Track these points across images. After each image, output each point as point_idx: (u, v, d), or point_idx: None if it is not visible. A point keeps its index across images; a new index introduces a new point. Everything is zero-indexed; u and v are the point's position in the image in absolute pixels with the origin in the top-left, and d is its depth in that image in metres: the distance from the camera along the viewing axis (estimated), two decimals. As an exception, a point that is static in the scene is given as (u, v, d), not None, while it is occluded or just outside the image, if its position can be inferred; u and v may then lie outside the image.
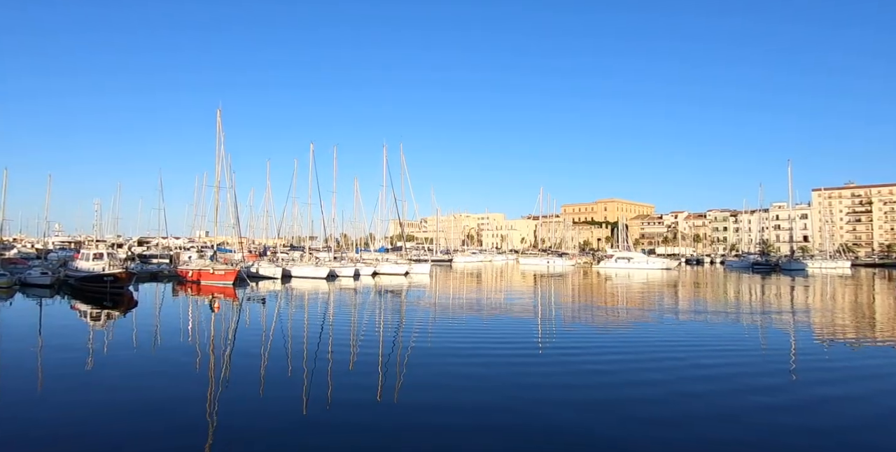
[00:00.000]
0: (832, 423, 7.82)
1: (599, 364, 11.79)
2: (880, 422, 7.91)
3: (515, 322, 18.86)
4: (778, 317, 21.46)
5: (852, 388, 9.88)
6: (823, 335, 17.02)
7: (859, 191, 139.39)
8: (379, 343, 14.39)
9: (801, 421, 7.85)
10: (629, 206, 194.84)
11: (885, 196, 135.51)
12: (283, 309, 22.84)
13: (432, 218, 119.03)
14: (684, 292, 35.62)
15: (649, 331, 17.46)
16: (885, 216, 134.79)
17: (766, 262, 78.43)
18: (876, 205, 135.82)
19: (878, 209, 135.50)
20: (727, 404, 8.69)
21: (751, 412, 8.23)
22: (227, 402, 8.55)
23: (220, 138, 39.47)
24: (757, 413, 8.18)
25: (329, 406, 8.38)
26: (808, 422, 7.82)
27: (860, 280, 52.45)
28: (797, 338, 16.13)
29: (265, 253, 59.44)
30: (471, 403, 8.60)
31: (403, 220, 61.08)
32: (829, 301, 29.69)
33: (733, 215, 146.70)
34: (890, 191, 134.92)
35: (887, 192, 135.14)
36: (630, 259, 75.35)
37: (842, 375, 10.93)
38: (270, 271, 41.66)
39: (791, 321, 20.23)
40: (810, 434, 7.32)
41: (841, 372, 11.33)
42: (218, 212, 41.94)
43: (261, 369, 10.98)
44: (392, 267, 51.21)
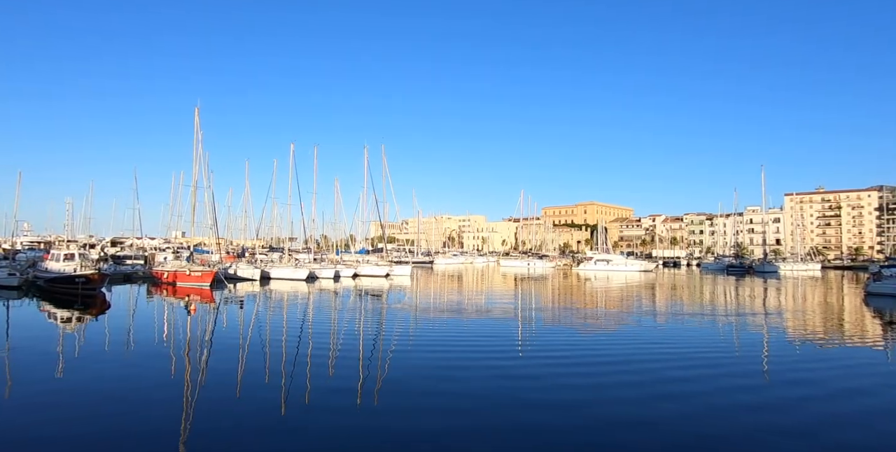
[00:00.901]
0: (804, 421, 8.01)
1: (579, 366, 11.89)
2: (850, 420, 8.13)
3: (496, 324, 18.90)
4: (752, 319, 21.95)
5: (823, 388, 10.13)
6: (794, 336, 17.46)
7: (829, 196, 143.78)
8: (359, 345, 14.28)
9: (774, 420, 8.02)
10: (608, 209, 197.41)
11: (852, 201, 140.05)
12: (261, 312, 22.52)
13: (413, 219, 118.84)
14: (662, 294, 36.20)
15: (628, 333, 17.69)
16: (853, 220, 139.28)
17: (740, 265, 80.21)
18: (844, 209, 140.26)
19: (847, 213, 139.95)
20: (703, 405, 8.83)
21: (725, 412, 8.39)
22: (202, 406, 8.37)
23: (197, 137, 38.79)
24: (732, 413, 8.34)
25: (308, 410, 8.28)
26: (781, 421, 7.99)
27: (829, 282, 54.02)
28: (770, 339, 16.51)
29: (243, 255, 58.55)
30: (452, 407, 8.58)
31: (384, 222, 60.86)
32: (799, 302, 30.48)
33: (709, 218, 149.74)
34: (857, 197, 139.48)
35: (855, 198, 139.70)
36: (609, 261, 76.27)
37: (813, 376, 11.23)
38: (249, 272, 41.05)
39: (764, 322, 20.71)
40: (784, 433, 7.48)
41: (812, 372, 11.63)
42: (195, 212, 41.19)
43: (238, 372, 10.79)
44: (373, 269, 50.92)
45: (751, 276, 64.25)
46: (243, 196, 62.14)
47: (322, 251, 64.75)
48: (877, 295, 34.28)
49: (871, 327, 20.79)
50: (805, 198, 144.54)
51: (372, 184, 56.62)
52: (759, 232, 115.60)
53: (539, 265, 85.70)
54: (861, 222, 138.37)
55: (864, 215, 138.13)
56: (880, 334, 18.77)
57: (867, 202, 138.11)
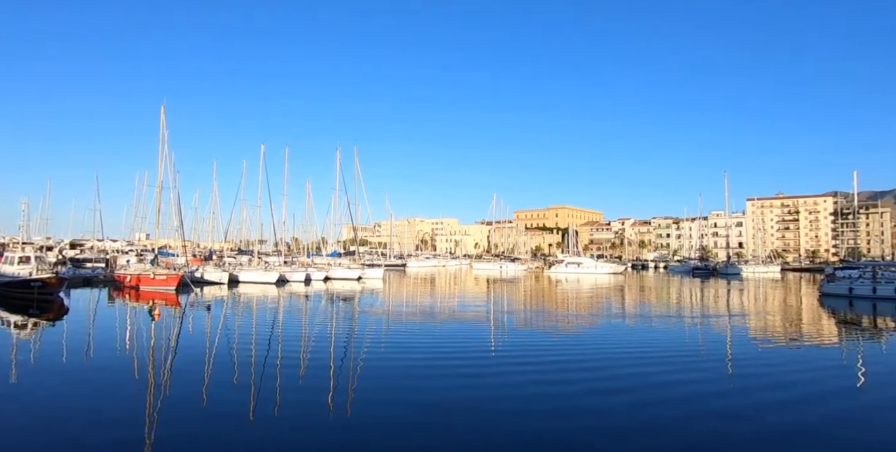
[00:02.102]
0: (770, 421, 8.23)
1: (551, 372, 11.97)
2: (811, 419, 8.40)
3: (469, 328, 18.90)
4: (717, 321, 22.55)
5: (786, 387, 10.45)
6: (756, 336, 18.01)
7: (788, 201, 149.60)
8: (330, 352, 14.05)
9: (741, 421, 8.23)
10: (579, 213, 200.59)
11: (809, 206, 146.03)
12: (229, 316, 21.94)
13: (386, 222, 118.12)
14: (631, 296, 36.91)
15: (599, 336, 17.93)
16: (810, 225, 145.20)
17: (705, 267, 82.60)
18: (802, 214, 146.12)
19: (805, 218, 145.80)
20: (669, 407, 8.99)
21: (692, 413, 8.56)
22: (166, 418, 8.05)
23: (163, 135, 37.62)
24: (699, 414, 8.52)
25: (278, 420, 8.05)
26: (747, 421, 8.20)
27: (788, 283, 56.15)
28: (733, 341, 16.97)
29: (211, 257, 57.10)
30: (424, 415, 8.51)
31: (357, 225, 60.27)
32: (761, 303, 31.54)
33: (676, 222, 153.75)
34: (814, 202, 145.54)
35: (812, 203, 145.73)
36: (580, 264, 77.43)
37: (775, 376, 11.54)
38: (216, 276, 40.02)
39: (728, 324, 21.32)
40: (748, 432, 7.68)
41: (775, 376, 11.96)
42: (160, 213, 39.90)
43: (204, 382, 10.45)
44: (344, 272, 50.34)
45: (715, 278, 66.19)
46: (211, 197, 60.60)
47: (293, 254, 63.66)
48: (830, 296, 35.82)
49: (827, 327, 21.65)
50: (766, 203, 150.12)
51: (344, 186, 55.83)
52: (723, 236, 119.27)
53: (511, 268, 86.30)
54: (817, 226, 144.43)
55: (821, 220, 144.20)
56: (835, 333, 19.56)
57: (823, 207, 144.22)
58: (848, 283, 36.68)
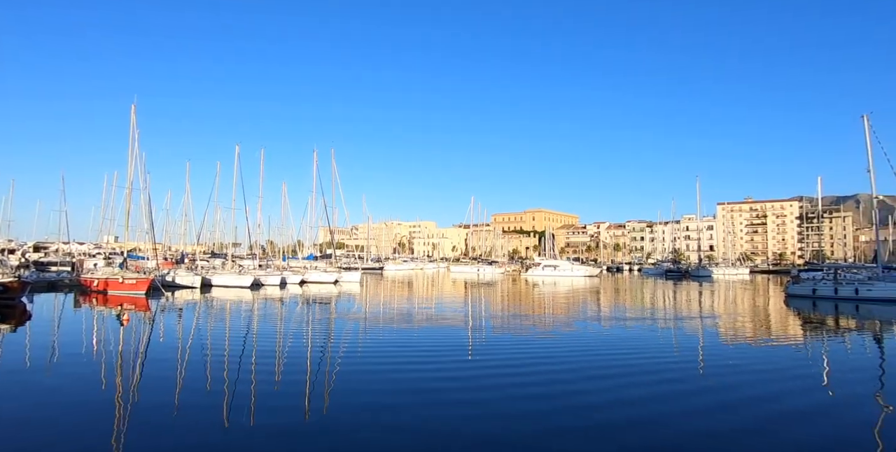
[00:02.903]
0: (742, 416, 8.44)
1: (528, 374, 12.03)
2: (784, 417, 8.63)
3: (446, 332, 18.89)
4: (689, 323, 23.04)
5: (755, 385, 10.72)
6: (727, 336, 18.44)
7: (756, 205, 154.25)
8: (307, 357, 13.86)
9: (715, 416, 8.41)
10: (556, 216, 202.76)
11: (777, 210, 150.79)
12: (201, 321, 21.45)
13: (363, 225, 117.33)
14: (606, 298, 37.44)
15: (575, 339, 18.10)
16: (778, 228, 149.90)
17: (677, 269, 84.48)
18: (770, 218, 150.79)
19: (772, 222, 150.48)
20: (643, 408, 9.12)
21: (666, 414, 8.70)
22: (135, 428, 7.80)
23: (133, 135, 36.67)
24: (673, 415, 8.66)
25: (252, 428, 7.89)
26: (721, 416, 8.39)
27: (756, 285, 57.81)
28: (705, 341, 17.35)
29: (182, 261, 55.78)
30: (402, 419, 8.45)
31: (334, 227, 59.70)
32: (731, 305, 32.36)
33: (649, 226, 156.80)
34: (781, 207, 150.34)
35: (779, 207, 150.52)
36: (556, 267, 78.29)
37: (746, 377, 11.82)
38: (188, 280, 39.11)
39: (700, 326, 21.80)
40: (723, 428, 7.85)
41: (745, 374, 12.25)
42: (129, 215, 38.76)
43: (176, 389, 10.18)
44: (321, 276, 49.82)
45: (687, 280, 67.70)
46: (183, 199, 59.30)
47: (268, 257, 62.63)
48: (795, 297, 37.07)
49: (792, 327, 22.35)
50: (735, 207, 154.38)
51: (321, 188, 55.27)
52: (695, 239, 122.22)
53: (489, 271, 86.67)
54: (784, 230, 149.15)
55: (787, 223, 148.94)
56: (800, 333, 20.19)
57: (790, 211, 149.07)
58: (811, 285, 38.02)
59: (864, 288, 34.73)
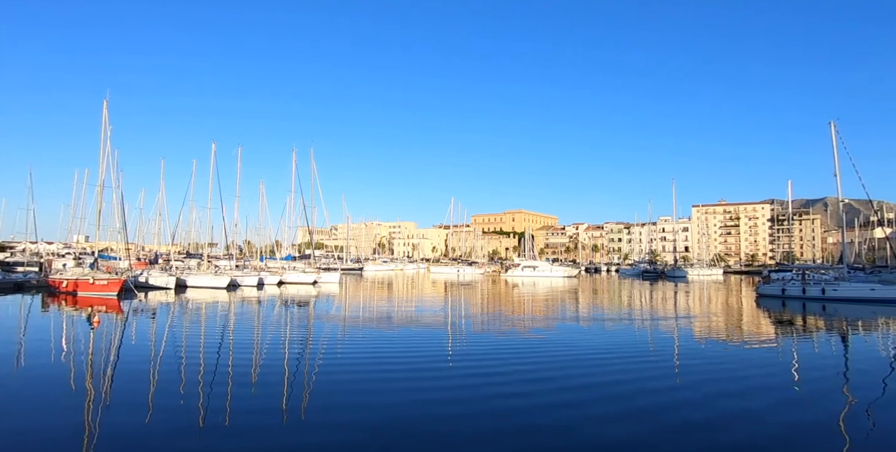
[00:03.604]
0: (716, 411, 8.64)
1: (506, 374, 12.10)
2: (752, 416, 8.86)
3: (426, 333, 18.87)
4: (664, 323, 23.48)
5: (727, 382, 10.99)
6: (701, 335, 18.84)
7: (730, 207, 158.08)
8: (284, 358, 13.69)
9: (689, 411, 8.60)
10: (535, 217, 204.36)
11: (749, 212, 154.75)
12: (175, 323, 21.02)
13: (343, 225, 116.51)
14: (585, 299, 37.89)
15: (553, 338, 18.27)
16: (750, 230, 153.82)
17: (653, 270, 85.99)
18: (742, 220, 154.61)
19: (745, 224, 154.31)
20: (617, 407, 9.27)
21: (640, 413, 8.86)
22: (107, 434, 7.60)
23: (105, 131, 35.73)
24: (646, 414, 8.82)
25: (228, 430, 7.76)
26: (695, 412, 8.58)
27: (730, 285, 59.22)
28: (680, 340, 17.69)
29: (156, 261, 54.66)
30: (380, 421, 8.42)
31: (312, 228, 59.09)
32: (705, 304, 33.10)
33: (627, 227, 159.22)
34: (753, 209, 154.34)
35: (751, 210, 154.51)
36: (535, 267, 78.88)
37: (718, 375, 12.10)
38: (162, 280, 38.29)
39: (675, 325, 22.24)
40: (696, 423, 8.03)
41: (717, 372, 12.55)
42: (101, 214, 37.81)
43: (148, 392, 9.95)
44: (299, 276, 49.30)
45: (663, 281, 68.96)
46: (158, 198, 57.85)
47: (245, 257, 61.67)
48: (765, 297, 38.13)
49: (762, 326, 22.97)
50: (710, 209, 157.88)
51: (300, 188, 54.70)
52: (671, 240, 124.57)
53: (468, 271, 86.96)
54: (756, 231, 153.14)
55: (759, 225, 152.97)
56: (770, 332, 20.75)
57: (761, 214, 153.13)
58: (781, 285, 39.17)
59: (830, 288, 35.89)
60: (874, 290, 34.66)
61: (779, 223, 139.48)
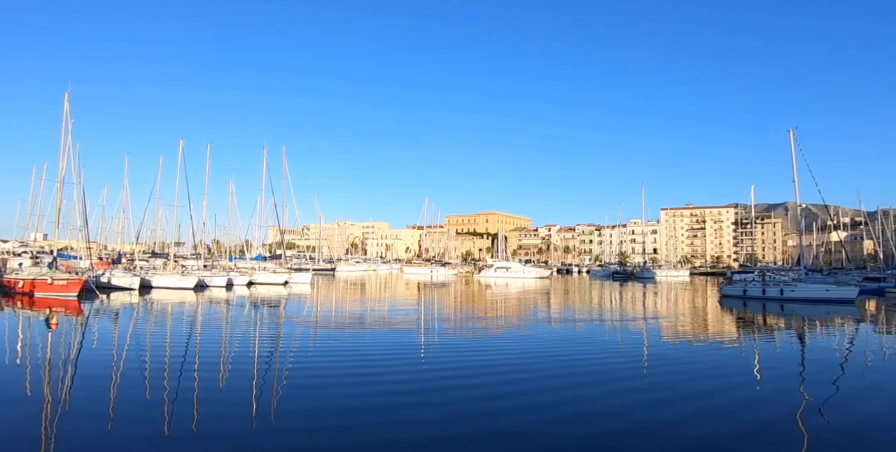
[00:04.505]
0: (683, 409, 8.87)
1: (479, 376, 12.16)
2: (717, 413, 9.14)
3: (399, 335, 18.78)
4: (633, 323, 23.98)
5: (693, 381, 11.30)
6: (668, 335, 19.32)
7: (696, 211, 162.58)
8: (253, 362, 13.42)
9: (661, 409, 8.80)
10: (508, 219, 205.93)
11: (715, 216, 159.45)
12: (139, 326, 20.37)
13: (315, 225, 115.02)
14: (556, 300, 38.38)
15: (524, 339, 18.43)
16: (715, 232, 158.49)
17: (623, 271, 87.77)
18: (708, 223, 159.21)
19: (710, 226, 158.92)
20: (587, 408, 9.42)
21: (609, 413, 9.03)
22: (65, 443, 7.31)
23: (66, 125, 34.40)
24: (615, 414, 9.00)
25: (195, 437, 7.56)
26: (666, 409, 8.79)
27: (696, 286, 60.91)
28: (649, 340, 18.11)
29: (120, 261, 53.00)
30: (353, 425, 8.34)
31: (284, 227, 58.26)
32: (672, 305, 33.96)
33: (598, 229, 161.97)
34: (719, 213, 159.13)
35: (717, 213, 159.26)
36: (508, 268, 79.49)
37: (686, 375, 12.42)
38: (126, 281, 37.09)
39: (643, 325, 22.74)
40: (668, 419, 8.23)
41: (684, 372, 12.87)
42: (60, 211, 36.36)
43: (110, 398, 9.61)
44: (270, 277, 48.50)
45: (632, 282, 70.46)
46: (122, 195, 56.10)
47: (213, 257, 60.34)
48: (728, 297, 39.44)
49: (725, 326, 23.73)
50: (677, 212, 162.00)
51: (271, 186, 53.99)
52: (640, 242, 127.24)
53: (442, 272, 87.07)
54: (721, 234, 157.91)
55: (724, 228, 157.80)
56: (733, 331, 21.44)
57: (726, 217, 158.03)
58: (742, 286, 40.58)
59: (788, 289, 37.34)
60: (829, 291, 36.23)
61: (742, 226, 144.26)
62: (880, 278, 50.60)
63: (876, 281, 49.14)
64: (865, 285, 45.00)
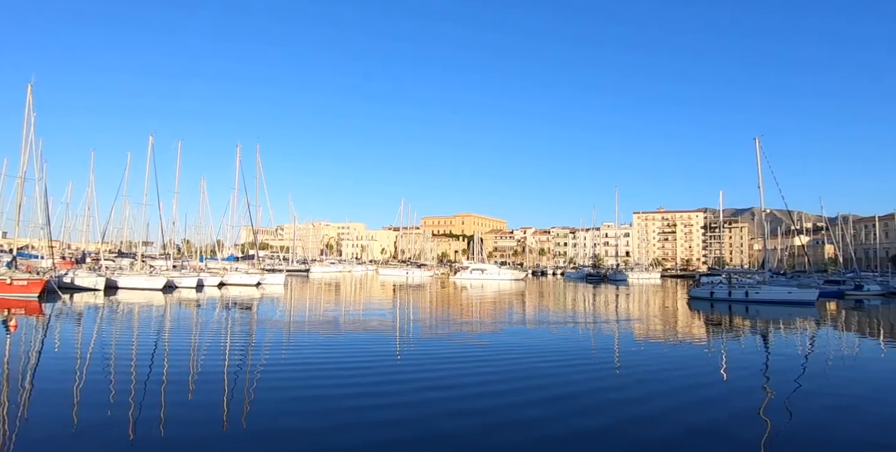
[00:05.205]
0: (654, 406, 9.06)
1: (454, 377, 12.18)
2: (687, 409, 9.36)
3: (373, 338, 18.63)
4: (606, 325, 24.38)
5: (663, 381, 11.55)
6: (639, 336, 19.69)
7: (667, 215, 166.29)
8: (224, 365, 13.15)
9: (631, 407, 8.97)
10: (484, 221, 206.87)
11: (685, 220, 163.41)
12: (104, 328, 19.74)
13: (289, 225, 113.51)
14: (531, 301, 38.72)
15: (499, 340, 18.56)
16: (685, 236, 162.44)
17: (597, 274, 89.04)
18: (679, 227, 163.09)
19: (681, 230, 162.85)
20: (560, 407, 9.53)
21: (584, 410, 9.16)
22: (25, 445, 7.03)
23: (29, 118, 33.16)
24: (589, 411, 9.14)
25: (162, 441, 7.35)
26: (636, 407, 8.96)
27: (666, 288, 62.27)
28: (620, 341, 18.42)
29: (84, 260, 51.22)
30: (325, 428, 8.26)
31: (257, 227, 57.31)
32: (643, 306, 34.65)
33: (572, 232, 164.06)
34: (689, 217, 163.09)
35: (687, 217, 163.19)
36: (484, 270, 79.77)
37: (657, 375, 12.69)
38: (90, 281, 35.92)
39: (615, 326, 23.15)
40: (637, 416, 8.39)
41: (655, 372, 13.14)
42: (21, 208, 35.05)
43: (73, 402, 9.28)
44: (242, 278, 47.63)
45: (605, 284, 71.60)
46: (87, 192, 54.20)
47: (183, 257, 58.85)
48: (696, 299, 40.48)
49: (693, 327, 24.36)
50: (650, 216, 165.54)
51: (244, 185, 52.94)
52: (613, 245, 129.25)
53: (417, 274, 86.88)
54: (691, 238, 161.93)
55: (694, 232, 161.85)
56: (701, 332, 22.01)
57: (696, 221, 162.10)
58: (710, 288, 41.74)
59: (752, 291, 38.56)
60: (791, 293, 37.57)
61: (711, 230, 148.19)
62: (840, 281, 52.63)
63: (836, 283, 51.11)
64: (826, 288, 46.82)
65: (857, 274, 59.63)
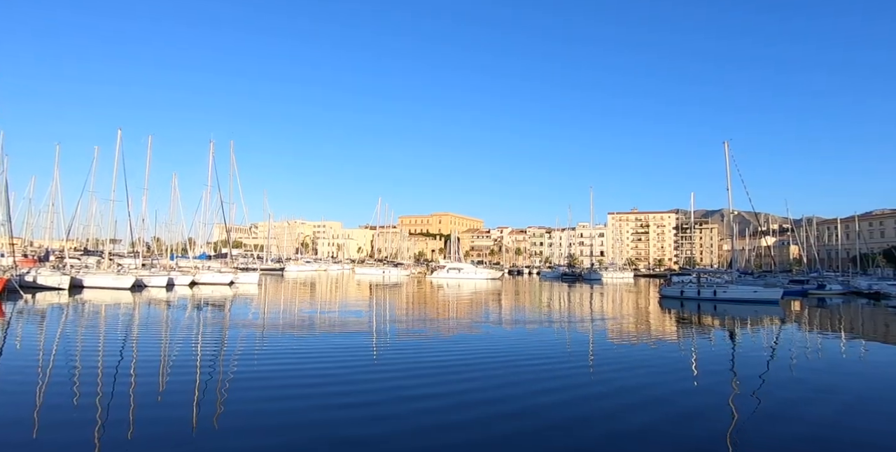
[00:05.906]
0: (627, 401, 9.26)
1: (429, 376, 12.21)
2: (657, 403, 9.58)
3: (349, 338, 18.49)
4: (581, 324, 24.72)
5: (637, 379, 11.80)
6: (613, 334, 20.06)
7: (641, 216, 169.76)
8: (195, 366, 12.87)
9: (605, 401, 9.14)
10: (461, 220, 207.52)
11: (657, 221, 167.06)
12: (68, 328, 19.12)
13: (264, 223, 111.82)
14: (507, 301, 38.99)
15: (476, 341, 18.66)
16: (658, 237, 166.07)
17: (572, 273, 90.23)
18: (651, 227, 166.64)
19: (653, 231, 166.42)
20: (534, 403, 9.65)
21: (561, 406, 9.29)
22: (-20, 452, 6.78)
23: (-11, 115, 31.78)
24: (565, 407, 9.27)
25: (130, 443, 7.17)
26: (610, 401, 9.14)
27: (639, 287, 63.54)
28: (594, 340, 18.73)
29: (47, 258, 49.53)
30: (298, 428, 8.18)
31: (230, 225, 56.28)
32: (617, 305, 35.27)
33: (548, 232, 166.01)
34: (661, 218, 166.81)
35: (659, 218, 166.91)
36: (460, 269, 79.97)
37: (629, 373, 12.96)
38: (54, 280, 34.76)
39: (590, 326, 23.50)
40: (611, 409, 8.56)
41: (630, 369, 13.42)
42: (-20, 205, 33.58)
43: (35, 404, 8.96)
44: (214, 277, 46.71)
45: (580, 283, 72.60)
46: (51, 187, 52.20)
47: (153, 255, 57.31)
48: (667, 298, 41.47)
49: (664, 324, 24.90)
50: (623, 216, 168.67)
51: (217, 182, 51.84)
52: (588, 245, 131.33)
53: (394, 273, 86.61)
54: (664, 238, 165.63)
55: (666, 232, 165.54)
56: (672, 330, 22.54)
57: (668, 222, 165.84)
58: (680, 287, 42.81)
59: (720, 291, 39.70)
60: (757, 292, 38.78)
61: (683, 231, 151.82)
62: (804, 280, 54.60)
63: (801, 283, 53.00)
64: (791, 287, 48.51)
65: (820, 274, 61.96)
